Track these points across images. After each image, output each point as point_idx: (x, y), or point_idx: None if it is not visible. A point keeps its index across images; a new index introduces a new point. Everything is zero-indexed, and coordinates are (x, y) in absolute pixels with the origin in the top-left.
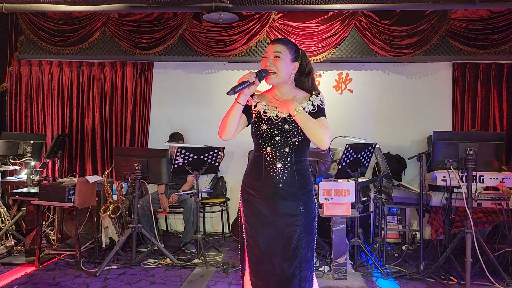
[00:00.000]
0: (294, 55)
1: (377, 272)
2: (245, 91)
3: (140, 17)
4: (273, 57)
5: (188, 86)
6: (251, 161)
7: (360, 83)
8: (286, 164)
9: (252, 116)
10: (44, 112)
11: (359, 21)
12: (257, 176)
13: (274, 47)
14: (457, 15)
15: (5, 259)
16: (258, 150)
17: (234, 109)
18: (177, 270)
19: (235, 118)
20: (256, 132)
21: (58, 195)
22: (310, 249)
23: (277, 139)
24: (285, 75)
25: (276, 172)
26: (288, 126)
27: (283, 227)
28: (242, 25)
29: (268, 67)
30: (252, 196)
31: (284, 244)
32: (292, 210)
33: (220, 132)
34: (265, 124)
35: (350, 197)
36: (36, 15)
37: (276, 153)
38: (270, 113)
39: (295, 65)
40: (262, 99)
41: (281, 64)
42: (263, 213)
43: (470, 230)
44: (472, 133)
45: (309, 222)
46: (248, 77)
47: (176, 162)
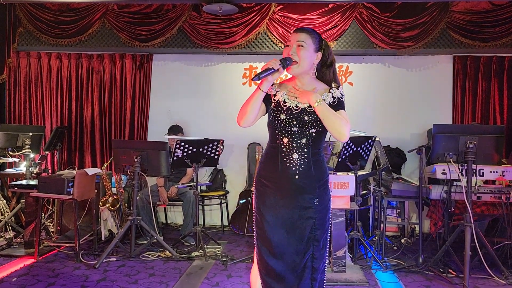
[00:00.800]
0: (318, 45)
1: (376, 265)
2: (268, 78)
3: (139, 8)
4: (296, 46)
5: (188, 79)
6: (266, 152)
7: (360, 76)
8: (303, 156)
9: (271, 105)
10: (43, 104)
11: (359, 13)
12: (273, 167)
13: (297, 36)
14: (459, 8)
15: (5, 251)
16: (274, 141)
17: (256, 96)
18: (176, 263)
19: (256, 105)
20: (273, 122)
21: (57, 187)
22: (323, 241)
23: (295, 129)
24: (307, 65)
25: (292, 163)
26: (308, 117)
27: (297, 219)
28: (242, 17)
29: (291, 56)
30: (267, 187)
31: (297, 237)
32: (307, 202)
33: (240, 118)
34: (284, 113)
35: (350, 190)
36: (34, 6)
37: (293, 144)
38: (289, 103)
39: (318, 56)
40: (282, 88)
41: (304, 53)
42: (277, 205)
43: (469, 223)
44: (472, 126)
45: (323, 215)
46: (272, 64)
47: (175, 155)
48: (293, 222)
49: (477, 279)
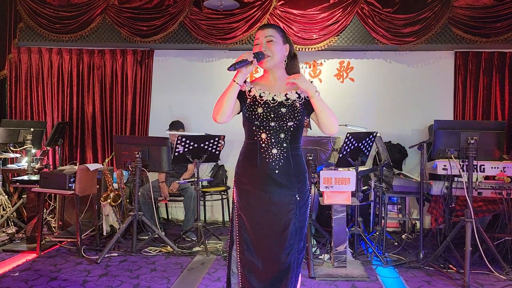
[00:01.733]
0: (284, 38)
1: (377, 260)
2: (243, 70)
3: (140, 4)
4: (266, 42)
5: (189, 74)
6: (243, 150)
7: (361, 72)
8: (282, 150)
9: (247, 101)
10: (44, 99)
11: (361, 9)
12: (252, 164)
13: (264, 32)
14: (460, 3)
15: (7, 246)
16: (252, 138)
17: (231, 89)
18: (177, 258)
19: (232, 98)
20: (250, 117)
21: (59, 183)
22: (304, 238)
23: (272, 124)
24: (279, 57)
25: (272, 159)
26: (285, 109)
27: (279, 216)
28: (243, 12)
29: (264, 51)
30: (247, 185)
31: (280, 234)
32: (288, 198)
33: (215, 113)
34: (262, 107)
35: (351, 186)
36: (35, 2)
37: (272, 139)
38: (266, 97)
39: (286, 47)
40: (255, 85)
41: (275, 47)
42: (258, 203)
43: (470, 219)
44: (473, 122)
45: (304, 211)
46: (246, 56)
47: (176, 150)
48: (275, 219)
49: (477, 275)
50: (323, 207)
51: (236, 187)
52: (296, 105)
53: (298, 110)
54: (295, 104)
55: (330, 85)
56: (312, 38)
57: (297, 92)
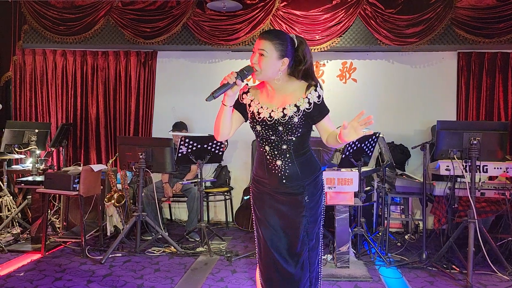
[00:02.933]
0: (283, 51)
1: (380, 260)
2: (228, 93)
3: (143, 5)
4: (258, 55)
5: (192, 75)
6: (256, 156)
7: (364, 73)
8: (286, 161)
9: (248, 115)
10: (48, 101)
11: (363, 10)
12: (263, 172)
13: (259, 44)
14: (463, 4)
15: (12, 246)
16: (259, 148)
17: (223, 113)
18: (181, 258)
19: (226, 121)
20: (253, 130)
21: (63, 184)
22: (316, 236)
23: (273, 138)
24: (270, 73)
25: (277, 169)
26: (282, 127)
27: (290, 218)
28: (245, 13)
29: (253, 64)
30: (261, 189)
31: (292, 235)
32: (298, 202)
33: (215, 134)
34: (260, 125)
35: (353, 186)
36: (39, 4)
37: (275, 151)
38: (263, 114)
39: (283, 61)
40: (255, 96)
41: (264, 62)
42: (271, 206)
43: (473, 220)
44: (476, 123)
45: (314, 211)
46: (228, 79)
47: (179, 151)
48: (287, 221)
49: (480, 275)
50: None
51: (252, 190)
52: (293, 121)
53: (296, 126)
54: (292, 120)
55: (332, 85)
56: (314, 39)
57: (296, 105)
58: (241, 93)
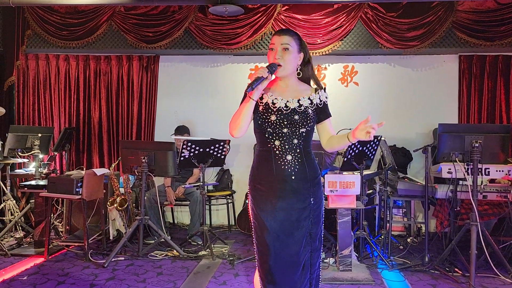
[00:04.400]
0: (299, 46)
1: (382, 264)
2: (258, 87)
3: (145, 10)
4: (281, 49)
5: (194, 79)
6: (257, 156)
7: (365, 76)
8: (296, 156)
9: (259, 108)
10: (51, 105)
11: (364, 13)
12: (268, 171)
13: (281, 39)
14: (464, 7)
15: (15, 250)
16: (265, 145)
17: (248, 106)
18: (183, 262)
19: (249, 115)
20: (263, 125)
21: (66, 188)
22: (318, 238)
23: (285, 131)
24: (292, 67)
25: (287, 165)
26: (298, 116)
27: (294, 221)
28: (247, 18)
29: (277, 60)
30: (262, 192)
31: (295, 238)
32: (303, 202)
33: (232, 129)
34: (275, 115)
35: (355, 190)
36: (42, 9)
37: (285, 146)
38: (279, 104)
39: (301, 56)
40: (266, 91)
41: (289, 56)
42: (274, 209)
43: (476, 222)
44: (478, 126)
45: (318, 213)
46: (261, 73)
47: (182, 155)
48: (291, 224)
49: (483, 278)
50: (329, 211)
51: (251, 194)
52: (308, 111)
53: (310, 117)
54: (307, 110)
55: (334, 89)
56: (316, 43)
57: (309, 98)
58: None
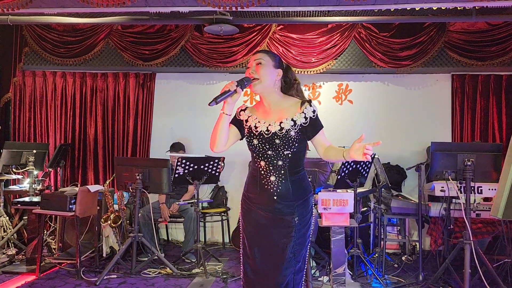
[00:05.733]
0: (277, 62)
1: (376, 282)
2: (228, 101)
3: (142, 28)
4: (255, 64)
5: (190, 97)
6: (249, 172)
7: (360, 94)
8: (280, 177)
9: (245, 130)
10: (47, 122)
11: (358, 33)
12: (254, 188)
13: (255, 56)
14: (456, 27)
15: (6, 267)
16: (254, 163)
17: (221, 120)
18: (176, 280)
19: (223, 129)
20: (249, 146)
21: (60, 204)
22: (302, 260)
23: (270, 153)
24: (269, 80)
25: (270, 185)
26: (279, 140)
27: (278, 239)
28: (243, 36)
29: (251, 74)
30: (250, 206)
31: (278, 256)
32: (287, 222)
33: (211, 144)
34: (257, 139)
35: (349, 207)
36: (40, 27)
37: (270, 167)
38: (260, 128)
39: (279, 72)
40: (253, 112)
41: (263, 69)
42: (260, 223)
43: (469, 241)
44: (470, 144)
45: (303, 233)
46: (229, 87)
47: (176, 172)
48: (274, 241)
49: None
50: (323, 229)
51: (241, 206)
52: (290, 134)
53: (293, 139)
54: (289, 134)
55: (329, 107)
56: (310, 62)
57: (292, 119)
58: (239, 110)
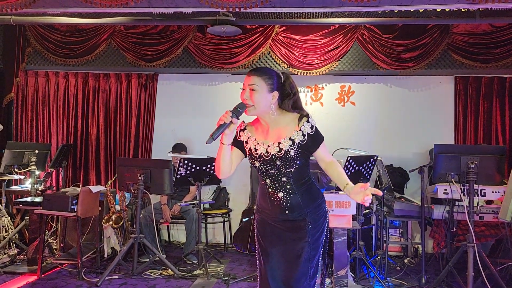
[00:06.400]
0: (272, 85)
1: (379, 285)
2: (226, 132)
3: (145, 29)
4: (249, 90)
5: (192, 98)
6: (259, 187)
7: (362, 96)
8: (287, 192)
9: (246, 152)
10: (49, 122)
11: (361, 35)
12: (266, 203)
13: (249, 80)
14: (459, 29)
15: (8, 268)
16: (261, 181)
17: (222, 151)
18: (178, 281)
19: (226, 159)
20: (252, 166)
21: (61, 205)
22: (316, 265)
23: (272, 172)
24: (263, 106)
25: (279, 201)
26: (280, 161)
27: (292, 245)
28: (245, 38)
29: (245, 100)
30: (264, 218)
31: (293, 262)
32: (300, 229)
33: (217, 173)
34: (258, 161)
35: (351, 209)
36: (43, 27)
37: (276, 184)
38: (260, 150)
39: (274, 95)
40: (251, 132)
41: (257, 96)
42: (274, 232)
43: (472, 244)
44: (473, 147)
45: (317, 238)
46: (224, 119)
47: (178, 173)
48: (288, 248)
49: None
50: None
51: (255, 218)
52: (290, 154)
53: (293, 158)
54: (288, 154)
55: (331, 109)
56: (313, 63)
57: (290, 138)
58: (238, 131)
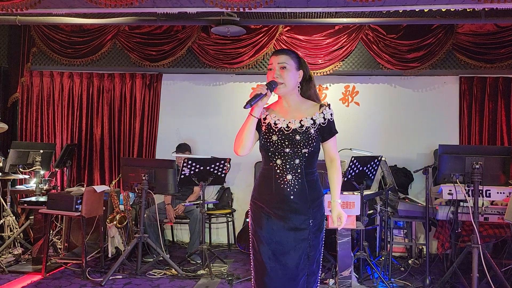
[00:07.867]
0: (298, 63)
1: (383, 286)
2: (258, 104)
3: (149, 29)
4: (279, 68)
5: (196, 98)
6: (260, 174)
7: (366, 96)
8: (297, 176)
9: (262, 128)
10: (54, 122)
11: (365, 35)
12: (268, 189)
13: (278, 58)
14: (464, 30)
15: (13, 267)
16: (268, 163)
17: (249, 123)
18: (182, 281)
19: (251, 132)
20: (266, 144)
21: (66, 204)
22: (316, 262)
23: (287, 151)
24: (292, 84)
25: (287, 184)
26: (300, 136)
27: (291, 241)
28: (249, 38)
29: (276, 78)
30: (262, 209)
31: (291, 259)
32: (301, 224)
33: (237, 147)
34: (276, 135)
35: (356, 210)
36: (48, 27)
37: (286, 165)
38: (280, 124)
39: (300, 74)
40: (270, 112)
41: (288, 74)
42: (272, 228)
43: (477, 245)
44: (478, 147)
45: (317, 236)
46: (260, 90)
47: (182, 173)
48: (288, 244)
49: None
50: (328, 231)
51: (251, 210)
52: (310, 132)
53: (312, 137)
54: (309, 131)
55: (335, 109)
56: (317, 63)
57: (312, 118)
58: None
